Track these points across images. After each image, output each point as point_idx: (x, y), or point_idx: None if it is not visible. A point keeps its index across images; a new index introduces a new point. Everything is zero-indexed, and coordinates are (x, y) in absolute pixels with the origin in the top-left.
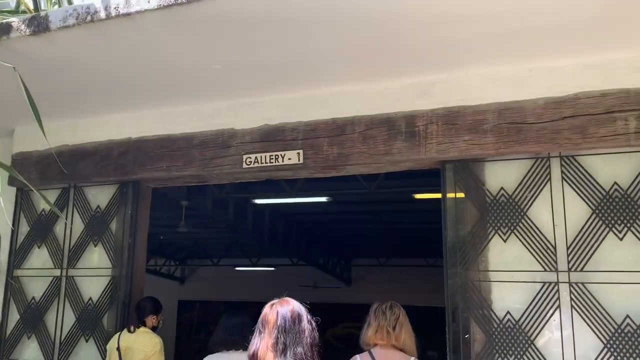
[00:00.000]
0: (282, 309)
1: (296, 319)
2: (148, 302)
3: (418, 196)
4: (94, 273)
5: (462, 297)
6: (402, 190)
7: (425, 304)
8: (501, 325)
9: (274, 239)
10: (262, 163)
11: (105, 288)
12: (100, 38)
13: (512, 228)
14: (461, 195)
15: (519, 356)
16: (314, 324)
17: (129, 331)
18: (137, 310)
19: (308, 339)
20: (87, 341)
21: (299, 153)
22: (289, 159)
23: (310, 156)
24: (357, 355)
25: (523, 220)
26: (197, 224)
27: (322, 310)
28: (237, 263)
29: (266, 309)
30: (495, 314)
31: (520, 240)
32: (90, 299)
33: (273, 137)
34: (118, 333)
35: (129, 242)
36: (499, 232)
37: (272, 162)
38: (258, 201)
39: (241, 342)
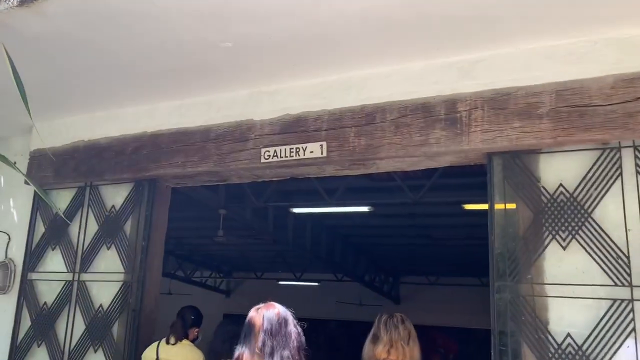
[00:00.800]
0: (268, 312)
1: (282, 322)
2: (193, 312)
3: (468, 207)
4: (106, 278)
5: (512, 315)
6: (449, 201)
7: (477, 326)
8: (560, 351)
9: (316, 252)
10: (281, 157)
11: (116, 294)
12: (98, 12)
13: (573, 233)
14: (511, 194)
15: None
16: (299, 328)
17: (169, 342)
18: (182, 321)
19: (295, 342)
20: (95, 352)
21: (321, 145)
22: (311, 152)
23: (335, 149)
24: None
25: (587, 224)
26: (238, 235)
27: (368, 329)
28: (280, 277)
29: (252, 313)
30: (552, 337)
31: (584, 248)
32: (101, 305)
33: (294, 128)
34: (155, 343)
35: (143, 244)
36: (557, 237)
37: (293, 156)
38: (297, 210)
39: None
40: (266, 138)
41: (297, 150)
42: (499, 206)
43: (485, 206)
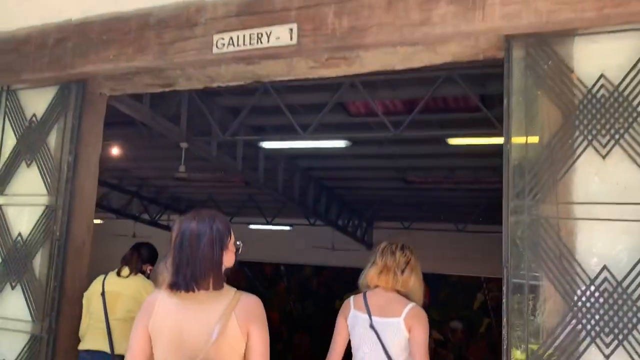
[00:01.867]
0: (187, 223)
1: (194, 236)
2: (151, 250)
3: (453, 142)
4: (25, 201)
5: (530, 243)
6: (431, 137)
7: (452, 272)
8: (593, 288)
9: (289, 195)
10: (239, 45)
11: (37, 221)
12: None
13: (616, 137)
14: (534, 90)
15: (622, 338)
16: (223, 241)
17: (120, 275)
18: (138, 255)
19: (205, 260)
20: (13, 288)
21: (291, 29)
22: (277, 37)
23: (309, 33)
24: (351, 297)
25: (636, 125)
26: (203, 173)
27: (340, 274)
28: (251, 221)
29: (174, 225)
30: (583, 270)
31: (631, 157)
32: (20, 234)
33: (256, 8)
34: (101, 277)
35: (69, 161)
36: (595, 143)
37: (253, 44)
38: (268, 145)
39: None
40: (220, 22)
41: (260, 36)
42: (517, 104)
43: (471, 140)
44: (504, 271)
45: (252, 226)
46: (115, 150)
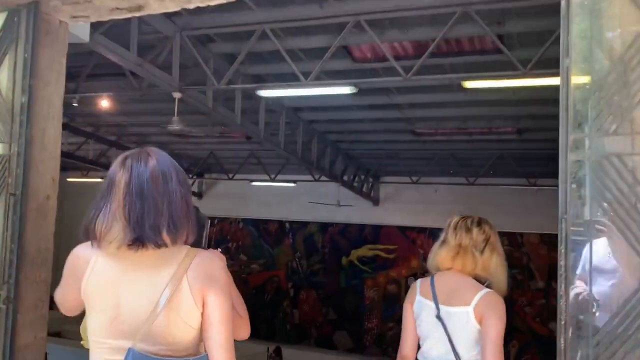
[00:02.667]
0: (138, 165)
1: (159, 178)
2: None
3: (468, 84)
4: None
5: (596, 188)
6: (448, 81)
7: None
8: None
9: (292, 150)
10: None
11: None
12: None
13: None
14: None
15: None
16: (188, 183)
17: None
18: None
19: (177, 206)
20: None
21: None
22: None
23: None
24: (418, 280)
25: None
26: (196, 124)
27: (346, 231)
28: (254, 178)
29: (115, 167)
30: None
31: None
32: None
33: None
34: None
35: (22, 101)
36: None
37: None
38: (266, 94)
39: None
40: None
41: None
42: (580, 7)
43: (490, 83)
44: (561, 225)
45: (255, 183)
46: (105, 103)
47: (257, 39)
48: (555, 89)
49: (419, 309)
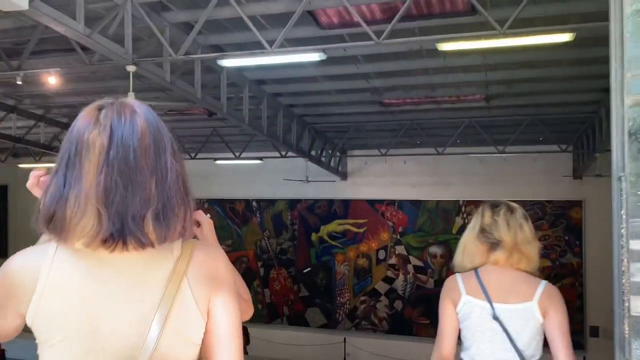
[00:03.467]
0: (121, 124)
1: (149, 147)
2: None
3: (443, 46)
4: None
5: None
6: (419, 44)
7: (427, 197)
8: None
9: (257, 126)
10: None
11: None
12: None
13: None
14: None
15: None
16: (181, 157)
17: None
18: None
19: (172, 189)
20: None
21: None
22: None
23: None
24: (458, 277)
25: None
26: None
27: (315, 207)
28: (217, 157)
29: (85, 121)
30: None
31: None
32: None
33: None
34: None
35: None
36: None
37: None
38: (228, 63)
39: None
40: None
41: None
42: None
43: (464, 43)
44: (617, 185)
45: (219, 162)
46: (52, 80)
47: (215, 6)
48: (528, 50)
49: (468, 310)
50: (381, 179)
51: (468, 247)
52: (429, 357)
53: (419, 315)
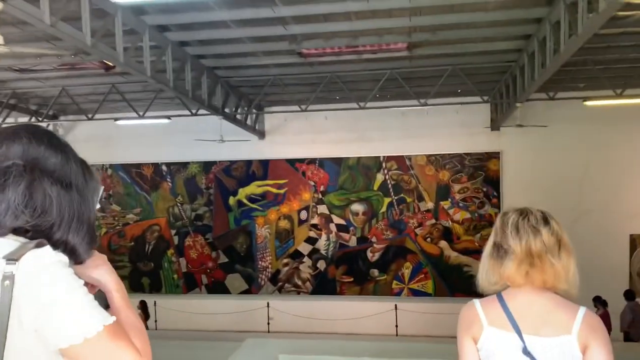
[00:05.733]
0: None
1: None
2: None
3: None
4: None
5: None
6: None
7: (348, 154)
8: None
9: (161, 79)
10: None
11: None
12: None
13: None
14: None
15: None
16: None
17: None
18: None
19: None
20: None
21: None
22: None
23: None
24: (477, 303)
25: None
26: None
27: (232, 168)
28: (118, 117)
29: None
30: None
31: None
32: None
33: None
34: None
35: None
36: None
37: None
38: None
39: None
40: None
41: None
42: None
43: None
44: None
45: (120, 122)
46: None
47: None
48: None
49: (493, 346)
50: (301, 136)
51: (485, 264)
52: (352, 315)
53: (342, 273)
